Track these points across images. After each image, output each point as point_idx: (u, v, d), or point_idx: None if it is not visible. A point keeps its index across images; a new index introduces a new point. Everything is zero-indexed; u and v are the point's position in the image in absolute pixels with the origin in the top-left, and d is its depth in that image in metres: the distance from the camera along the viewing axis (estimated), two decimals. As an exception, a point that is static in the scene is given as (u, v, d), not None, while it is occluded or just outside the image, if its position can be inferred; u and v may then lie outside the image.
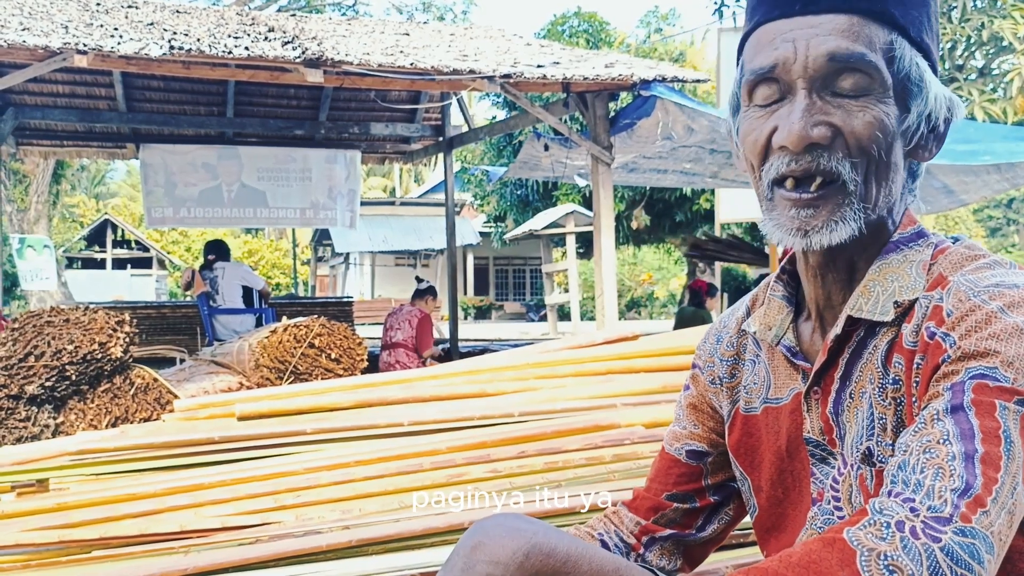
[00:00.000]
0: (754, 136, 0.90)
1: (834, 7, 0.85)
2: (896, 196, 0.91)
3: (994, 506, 0.72)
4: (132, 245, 32.96)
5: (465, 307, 26.27)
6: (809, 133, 0.84)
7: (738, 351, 1.07)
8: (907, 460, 0.76)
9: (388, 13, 21.59)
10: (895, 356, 0.87)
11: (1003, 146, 6.37)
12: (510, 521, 0.88)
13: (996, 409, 0.75)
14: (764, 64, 0.88)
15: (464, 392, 3.04)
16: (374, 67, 5.18)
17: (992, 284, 0.82)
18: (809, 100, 0.85)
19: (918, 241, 0.92)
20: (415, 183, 36.46)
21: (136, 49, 4.69)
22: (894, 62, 0.86)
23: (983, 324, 0.79)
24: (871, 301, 0.89)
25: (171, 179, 8.64)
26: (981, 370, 0.77)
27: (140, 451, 2.48)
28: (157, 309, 9.51)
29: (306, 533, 1.93)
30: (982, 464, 0.73)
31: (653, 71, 5.89)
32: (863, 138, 0.85)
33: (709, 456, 1.10)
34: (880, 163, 0.86)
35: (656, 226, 16.55)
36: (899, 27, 0.86)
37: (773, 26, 0.88)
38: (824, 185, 0.86)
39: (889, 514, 0.72)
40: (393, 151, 10.06)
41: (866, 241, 0.91)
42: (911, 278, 0.89)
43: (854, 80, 0.85)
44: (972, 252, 0.89)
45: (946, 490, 0.72)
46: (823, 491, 0.94)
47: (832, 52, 0.84)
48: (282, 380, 4.95)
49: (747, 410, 1.04)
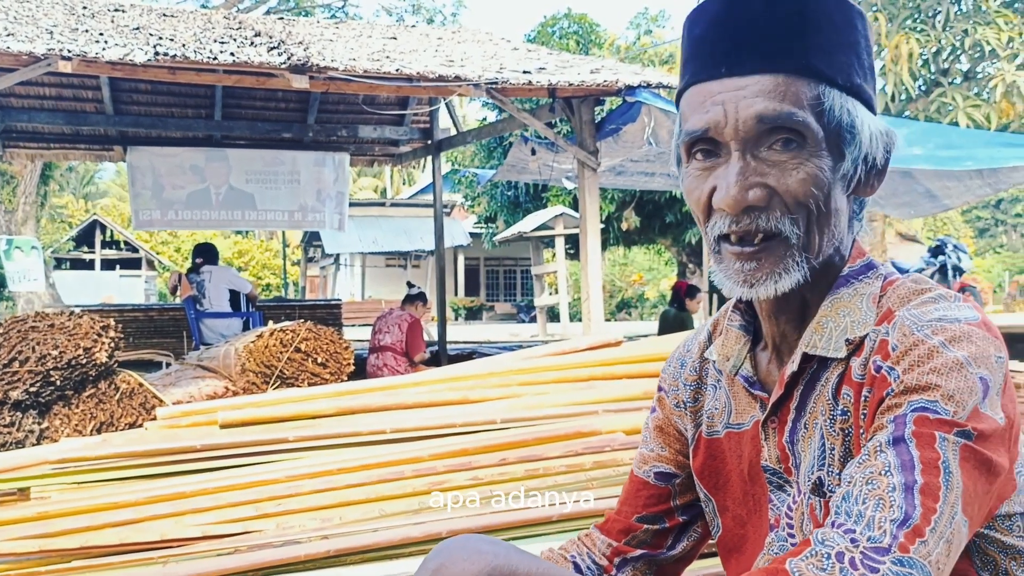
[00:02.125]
0: (696, 195, 0.92)
1: (759, 68, 0.86)
2: (842, 235, 0.93)
3: (932, 536, 0.74)
4: (121, 246, 32.81)
5: (456, 308, 26.26)
6: (745, 197, 0.86)
7: (700, 376, 1.09)
8: (851, 491, 0.78)
9: (377, 15, 21.59)
10: (844, 388, 0.90)
11: (985, 151, 6.43)
12: (471, 543, 0.90)
13: (936, 441, 0.77)
14: (697, 127, 0.89)
15: (447, 399, 3.06)
16: (359, 73, 5.19)
17: (935, 319, 0.84)
18: (743, 162, 0.87)
19: (867, 274, 0.94)
20: (406, 184, 36.44)
21: (121, 55, 4.69)
22: (824, 114, 0.87)
23: (925, 358, 0.81)
24: (824, 338, 0.92)
25: (159, 181, 8.63)
26: (922, 403, 0.79)
27: (122, 459, 2.49)
28: (145, 312, 9.49)
29: (285, 543, 1.95)
30: (921, 495, 0.75)
31: (638, 77, 5.92)
32: (799, 195, 0.87)
33: (677, 477, 1.12)
34: (820, 214, 0.88)
35: (646, 227, 16.60)
36: (826, 79, 0.87)
37: (703, 87, 0.89)
38: (766, 239, 0.88)
39: (830, 545, 0.75)
40: (381, 153, 10.07)
41: (815, 280, 0.93)
42: (862, 312, 0.91)
43: (785, 138, 0.87)
44: (919, 286, 0.91)
45: (886, 521, 0.74)
46: (779, 517, 0.97)
47: (760, 114, 0.86)
48: (268, 385, 4.96)
49: (710, 433, 1.06)
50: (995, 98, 11.01)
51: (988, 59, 11.77)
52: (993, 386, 0.81)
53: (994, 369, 0.82)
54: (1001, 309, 25.47)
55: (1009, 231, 41.57)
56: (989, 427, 0.79)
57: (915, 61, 11.26)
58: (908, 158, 6.13)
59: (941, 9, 11.80)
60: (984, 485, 0.79)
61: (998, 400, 0.81)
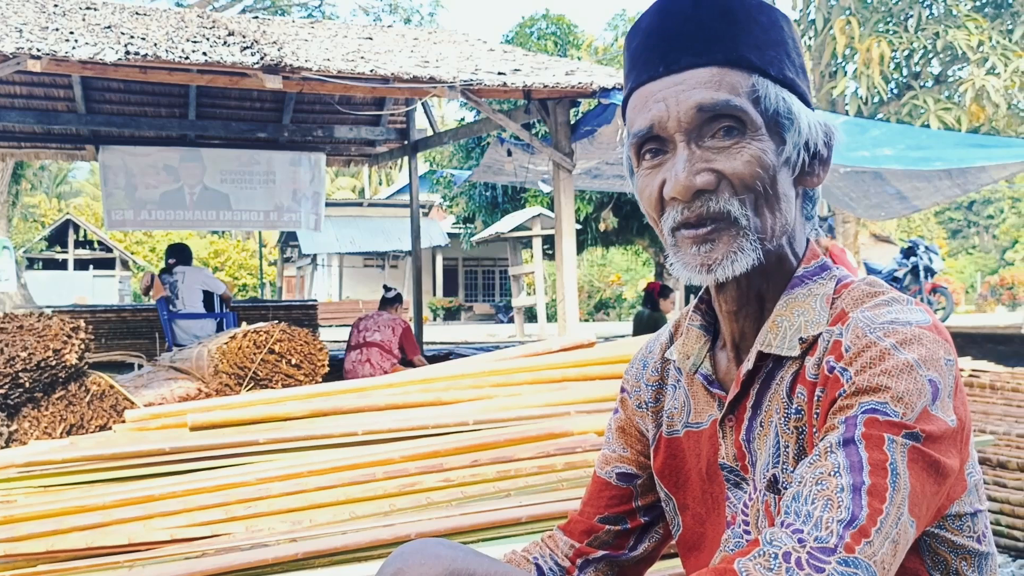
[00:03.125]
0: (648, 192, 0.94)
1: (694, 63, 0.90)
2: (792, 223, 0.95)
3: (878, 536, 0.75)
4: (95, 246, 32.46)
5: (434, 308, 26.21)
6: (694, 182, 0.89)
7: (662, 376, 1.11)
8: (800, 492, 0.80)
9: (354, 14, 21.51)
10: (799, 387, 0.91)
11: (955, 152, 6.52)
12: (429, 547, 0.91)
13: (885, 442, 0.79)
14: (642, 126, 0.93)
15: (420, 401, 3.06)
16: (333, 73, 5.17)
17: (888, 321, 0.86)
18: (689, 151, 0.90)
19: (822, 274, 0.96)
20: (383, 184, 36.32)
21: (91, 54, 4.64)
22: (760, 101, 0.91)
23: (877, 360, 0.83)
24: (779, 336, 0.94)
25: (132, 181, 8.55)
26: (873, 405, 0.81)
27: (89, 462, 2.46)
28: (117, 313, 9.38)
29: (253, 546, 1.94)
30: (868, 496, 0.77)
31: (613, 79, 5.94)
32: (746, 176, 0.90)
33: (639, 478, 1.13)
34: (767, 195, 0.91)
35: (624, 228, 16.68)
36: (758, 69, 0.91)
37: (645, 89, 0.93)
38: (717, 222, 0.91)
39: (778, 545, 0.76)
40: (358, 154, 10.04)
41: (771, 274, 0.95)
42: (815, 312, 0.93)
43: (726, 125, 0.90)
44: (872, 289, 0.93)
45: (833, 521, 0.76)
46: (736, 515, 0.98)
47: (699, 103, 0.89)
48: (242, 386, 4.93)
49: (670, 433, 1.07)
50: (966, 102, 11.17)
51: (959, 62, 11.94)
52: (944, 388, 0.82)
53: (943, 372, 0.83)
54: (973, 310, 25.83)
55: (981, 232, 42.16)
56: (938, 429, 0.81)
57: (887, 64, 11.40)
58: (879, 158, 6.21)
59: (913, 13, 11.95)
60: (931, 486, 0.80)
61: (950, 402, 0.83)
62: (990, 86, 10.90)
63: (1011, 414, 3.70)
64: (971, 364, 4.53)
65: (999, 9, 12.35)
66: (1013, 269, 31.27)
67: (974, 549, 0.91)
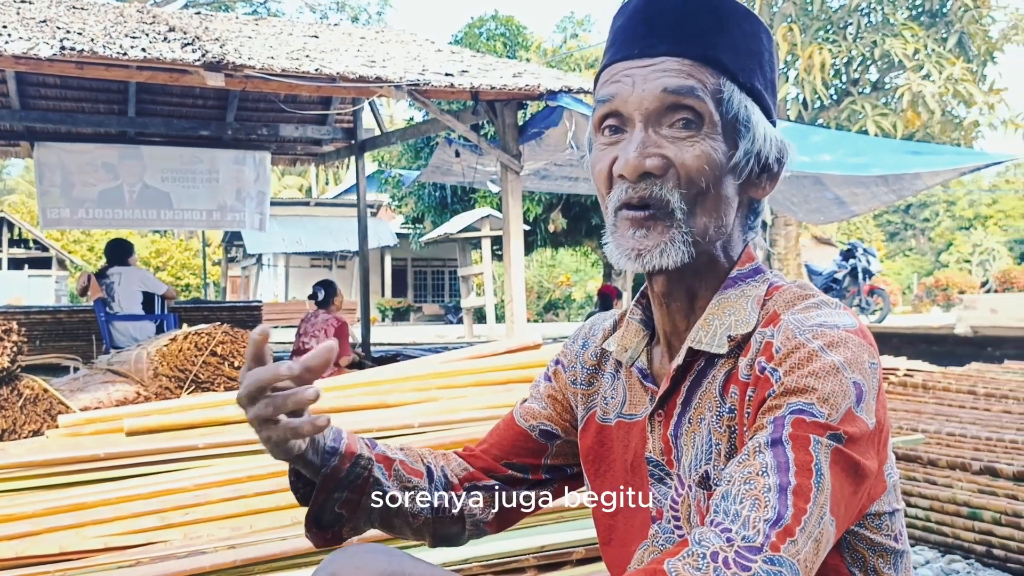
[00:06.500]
0: (600, 166, 0.97)
1: (669, 52, 0.93)
2: (729, 228, 0.97)
3: (802, 535, 0.77)
4: (30, 245, 31.49)
5: (383, 309, 26.00)
6: (643, 163, 0.92)
7: (599, 362, 1.12)
8: (729, 491, 0.82)
9: (301, 12, 21.25)
10: (731, 387, 0.94)
11: (891, 158, 6.72)
12: (363, 552, 0.90)
13: (810, 443, 0.81)
14: (605, 95, 0.96)
15: (364, 403, 3.04)
16: (278, 72, 5.10)
17: (817, 324, 0.88)
18: (645, 134, 0.93)
19: (755, 277, 0.99)
20: (330, 184, 35.94)
21: (24, 49, 4.50)
22: (723, 103, 0.93)
23: (805, 362, 0.85)
24: (710, 334, 0.96)
25: (68, 179, 8.30)
26: (800, 405, 0.83)
27: (19, 469, 2.39)
28: (52, 314, 9.10)
29: (190, 554, 1.91)
30: (794, 496, 0.78)
31: (560, 81, 5.98)
32: (692, 170, 0.92)
33: (558, 440, 1.15)
34: (708, 194, 0.94)
35: (573, 229, 16.80)
36: (728, 72, 0.94)
37: (617, 65, 0.96)
38: (655, 209, 0.93)
39: (706, 545, 0.77)
40: (304, 153, 9.91)
41: (704, 272, 0.97)
42: (746, 312, 0.95)
43: (685, 117, 0.93)
44: (803, 292, 0.96)
45: (760, 520, 0.77)
46: (662, 510, 1.00)
47: (665, 85, 0.92)
48: (182, 390, 4.83)
49: (603, 420, 1.09)
50: (902, 107, 11.50)
51: (896, 70, 12.28)
52: (868, 391, 0.85)
53: (867, 374, 0.86)
54: (909, 310, 26.60)
55: (918, 235, 43.46)
56: (859, 431, 0.83)
57: (827, 71, 11.67)
58: (819, 164, 6.35)
59: (852, 21, 12.26)
60: (851, 487, 0.83)
61: (873, 404, 0.85)
62: (927, 91, 11.23)
63: (942, 413, 3.82)
64: (906, 364, 4.67)
65: (934, 18, 12.74)
66: (948, 271, 32.29)
67: (891, 547, 0.94)
